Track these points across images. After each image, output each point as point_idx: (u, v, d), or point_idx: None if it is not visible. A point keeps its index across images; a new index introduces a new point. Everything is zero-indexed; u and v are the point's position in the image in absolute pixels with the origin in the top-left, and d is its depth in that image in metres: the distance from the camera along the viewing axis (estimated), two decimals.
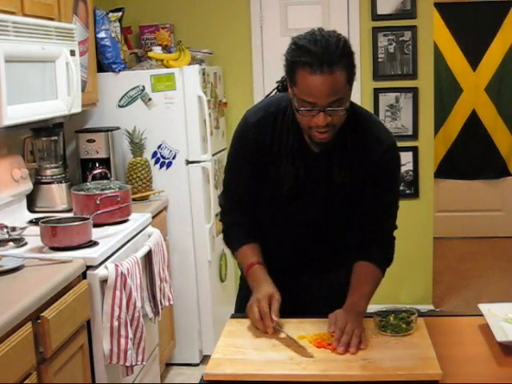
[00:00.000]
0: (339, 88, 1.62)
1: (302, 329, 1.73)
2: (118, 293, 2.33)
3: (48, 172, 3.12)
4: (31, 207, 3.06)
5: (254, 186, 1.91)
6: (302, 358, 1.57)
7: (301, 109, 1.67)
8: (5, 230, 2.55)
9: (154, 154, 3.51)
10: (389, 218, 1.93)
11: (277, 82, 2.00)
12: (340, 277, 1.94)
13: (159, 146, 3.51)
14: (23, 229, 2.58)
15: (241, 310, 2.05)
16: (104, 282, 2.33)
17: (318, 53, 1.59)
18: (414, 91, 4.03)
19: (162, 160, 3.52)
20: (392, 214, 1.94)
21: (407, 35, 3.99)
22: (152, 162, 3.49)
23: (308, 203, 1.89)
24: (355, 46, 4.51)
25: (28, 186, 2.99)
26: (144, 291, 2.66)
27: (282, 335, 1.68)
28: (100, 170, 3.19)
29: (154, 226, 3.00)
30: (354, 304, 1.78)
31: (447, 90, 5.57)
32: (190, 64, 3.60)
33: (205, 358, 3.62)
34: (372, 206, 1.88)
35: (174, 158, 3.50)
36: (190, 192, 3.53)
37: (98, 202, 2.70)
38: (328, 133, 1.70)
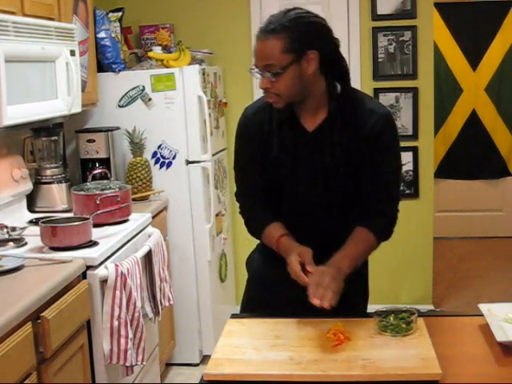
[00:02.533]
0: (269, 55, 1.78)
1: (302, 329, 1.73)
2: (118, 293, 2.33)
3: (48, 172, 3.12)
4: (31, 207, 3.06)
5: (262, 177, 1.98)
6: (302, 358, 1.57)
7: (252, 67, 1.85)
8: (5, 229, 2.55)
9: (154, 154, 3.51)
10: (390, 187, 1.95)
11: None
12: None
13: (159, 146, 3.51)
14: (23, 229, 2.58)
15: (247, 310, 2.06)
16: (104, 282, 2.33)
17: (266, 22, 1.84)
18: (414, 91, 4.03)
19: (162, 160, 3.52)
20: (393, 184, 1.96)
21: (407, 35, 3.99)
22: (152, 162, 3.49)
23: (307, 186, 1.93)
24: (355, 46, 4.53)
25: (28, 186, 2.99)
26: (144, 291, 2.66)
27: None
28: (100, 170, 3.19)
29: (154, 226, 3.00)
30: (336, 261, 1.81)
31: (447, 90, 5.57)
32: (190, 64, 3.60)
33: (205, 358, 3.62)
34: (373, 177, 1.91)
35: (174, 158, 3.51)
36: (190, 192, 3.53)
37: (98, 202, 2.70)
38: (274, 98, 1.84)
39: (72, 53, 2.77)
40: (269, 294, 2.04)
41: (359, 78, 4.02)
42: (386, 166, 1.92)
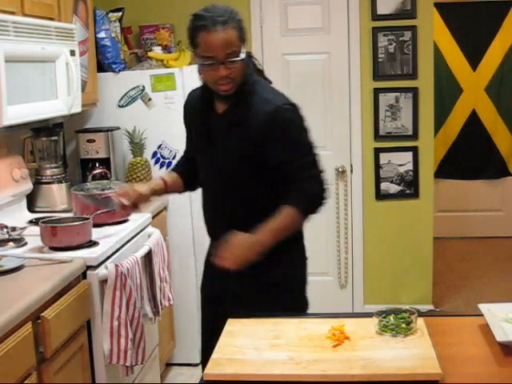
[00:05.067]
0: (232, 42, 1.94)
1: (302, 329, 1.73)
2: (118, 293, 2.33)
3: (48, 172, 3.12)
4: (31, 207, 3.06)
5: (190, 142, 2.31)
6: (302, 358, 1.57)
7: (204, 64, 1.97)
8: (5, 229, 2.55)
9: (154, 154, 3.51)
10: (294, 172, 2.02)
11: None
12: None
13: (159, 146, 3.51)
14: (23, 229, 2.58)
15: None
16: (104, 281, 2.34)
17: (210, 16, 1.94)
18: (414, 91, 4.03)
19: (162, 160, 3.52)
20: (303, 165, 2.03)
21: (407, 35, 3.98)
22: (152, 162, 3.49)
23: (211, 166, 2.12)
24: (355, 46, 4.52)
25: (28, 185, 2.99)
26: (144, 291, 2.66)
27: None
28: (100, 170, 3.19)
29: (154, 226, 3.00)
30: (257, 233, 1.95)
31: (447, 90, 5.57)
32: (190, 64, 3.60)
33: None
34: (281, 166, 2.02)
35: (173, 158, 3.50)
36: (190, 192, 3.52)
37: None
38: (230, 84, 1.99)
39: (72, 53, 2.77)
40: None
41: (359, 78, 4.03)
42: (282, 157, 2.01)
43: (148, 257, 2.72)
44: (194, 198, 3.53)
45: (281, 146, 2.00)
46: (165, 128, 3.48)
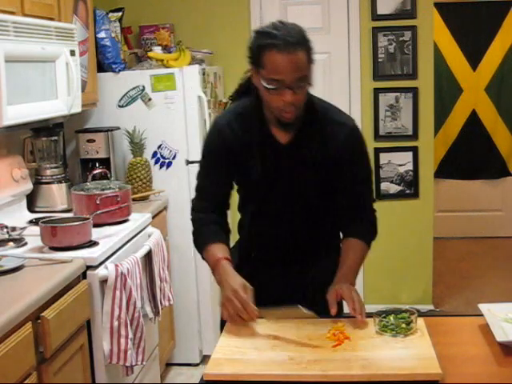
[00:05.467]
0: (302, 65, 1.78)
1: (302, 329, 1.73)
2: (118, 293, 2.33)
3: (48, 172, 3.12)
4: (31, 207, 3.06)
5: (225, 186, 2.03)
6: (302, 358, 1.57)
7: (269, 87, 1.79)
8: (5, 229, 2.55)
9: (154, 154, 3.51)
10: (366, 194, 2.04)
11: (229, 97, 2.17)
12: (326, 265, 2.02)
13: (159, 146, 3.51)
14: (23, 229, 2.58)
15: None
16: (104, 282, 2.33)
17: (281, 36, 1.76)
18: (414, 91, 4.03)
19: (162, 160, 3.52)
20: (368, 190, 2.06)
21: (407, 35, 3.99)
22: (152, 162, 3.49)
23: (280, 196, 1.98)
24: (355, 46, 4.53)
25: (28, 185, 2.99)
26: (144, 291, 2.66)
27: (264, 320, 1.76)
28: (100, 170, 3.19)
29: (154, 226, 3.00)
30: (344, 276, 1.92)
31: (447, 90, 5.57)
32: (190, 64, 3.60)
33: (205, 358, 3.62)
34: (349, 187, 1.98)
35: (174, 158, 3.51)
36: (190, 192, 3.52)
37: (97, 202, 2.70)
38: (293, 112, 1.83)
39: (72, 53, 2.77)
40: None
41: (359, 78, 4.03)
42: (359, 176, 2.00)
43: (148, 257, 2.72)
44: None
45: (357, 168, 1.98)
46: (165, 128, 3.48)
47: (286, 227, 2.03)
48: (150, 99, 3.47)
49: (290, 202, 1.99)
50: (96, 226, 2.56)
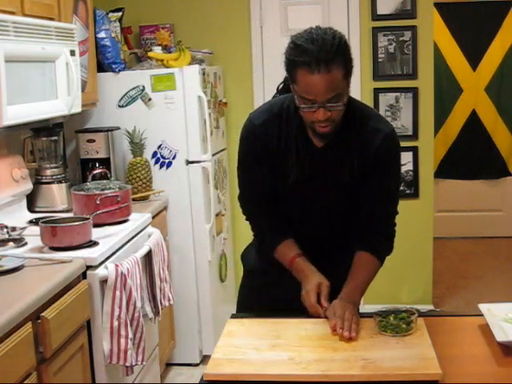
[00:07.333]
0: (336, 85, 1.71)
1: (302, 329, 1.73)
2: (118, 293, 2.33)
3: (48, 172, 3.12)
4: (31, 207, 3.06)
5: (267, 184, 1.97)
6: (302, 358, 1.57)
7: (302, 106, 1.75)
8: (5, 230, 2.55)
9: (154, 154, 3.51)
10: (391, 204, 1.98)
11: (277, 91, 2.07)
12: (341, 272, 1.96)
13: (159, 146, 3.51)
14: (23, 229, 2.58)
15: (242, 310, 2.06)
16: (104, 282, 2.33)
17: (314, 51, 1.67)
18: (414, 91, 4.03)
19: (162, 160, 3.52)
20: (394, 201, 1.99)
21: (407, 35, 3.99)
22: (152, 162, 3.49)
23: (314, 198, 1.94)
24: (355, 46, 4.52)
25: (28, 185, 2.99)
26: (144, 291, 2.66)
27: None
28: (100, 170, 3.19)
29: (154, 226, 3.00)
30: (349, 293, 1.85)
31: (447, 90, 5.57)
32: (190, 64, 3.60)
33: (205, 358, 3.62)
34: (375, 195, 1.93)
35: (174, 158, 3.51)
36: (190, 192, 3.53)
37: (97, 202, 2.70)
38: (329, 126, 1.79)
39: (72, 53, 2.77)
40: (267, 287, 2.06)
41: (359, 78, 4.02)
42: (389, 184, 1.95)
43: (148, 257, 2.72)
44: (194, 198, 3.53)
45: (385, 176, 1.92)
46: (165, 128, 3.48)
47: (311, 230, 2.00)
48: (150, 99, 3.47)
49: (319, 204, 1.95)
50: (96, 226, 2.55)
